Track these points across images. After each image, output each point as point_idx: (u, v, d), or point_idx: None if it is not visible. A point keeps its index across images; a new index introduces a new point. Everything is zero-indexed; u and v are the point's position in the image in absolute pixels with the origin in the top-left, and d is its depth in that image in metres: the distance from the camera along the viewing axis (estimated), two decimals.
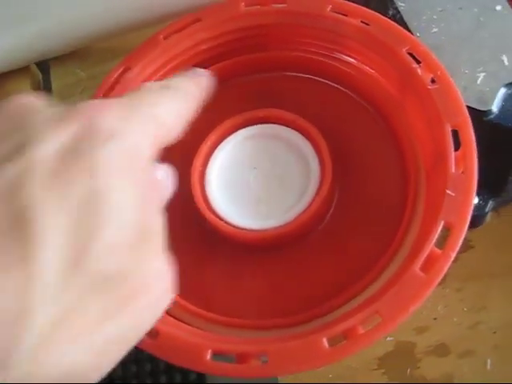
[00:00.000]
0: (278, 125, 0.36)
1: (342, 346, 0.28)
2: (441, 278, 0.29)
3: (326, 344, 0.28)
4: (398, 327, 0.28)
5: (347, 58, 0.37)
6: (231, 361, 0.29)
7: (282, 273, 0.34)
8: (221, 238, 0.34)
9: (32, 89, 0.46)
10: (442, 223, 0.29)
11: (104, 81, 0.37)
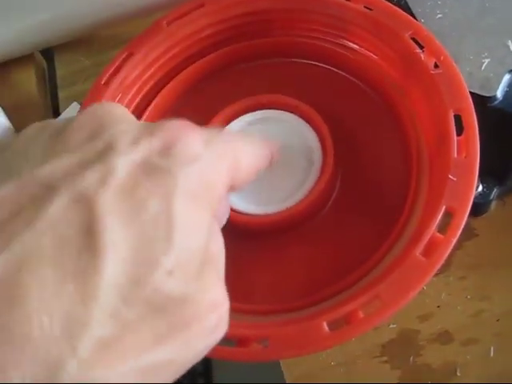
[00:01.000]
0: (281, 110, 0.36)
1: (342, 330, 0.28)
2: (441, 263, 0.29)
3: (327, 328, 0.28)
4: (402, 314, 0.28)
5: (350, 43, 0.36)
6: (232, 345, 0.29)
7: (283, 258, 0.34)
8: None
9: (36, 76, 0.46)
10: (443, 208, 0.29)
11: (107, 66, 0.37)
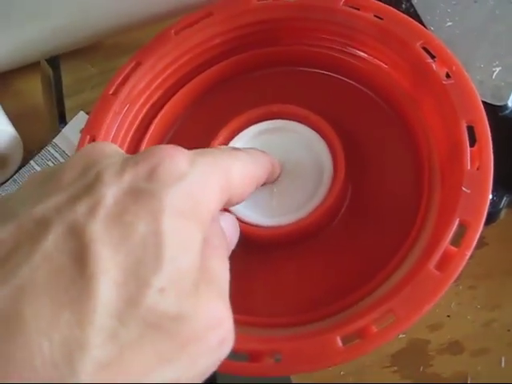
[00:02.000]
0: (291, 120, 0.36)
1: (356, 345, 0.28)
2: (456, 276, 0.28)
3: (340, 343, 0.28)
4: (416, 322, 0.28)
5: (360, 52, 0.36)
6: (244, 359, 0.29)
7: (294, 270, 0.34)
8: None
9: (42, 84, 0.46)
10: (457, 221, 0.29)
11: (115, 75, 0.37)
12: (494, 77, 0.35)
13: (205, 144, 0.35)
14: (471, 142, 0.31)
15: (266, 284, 0.34)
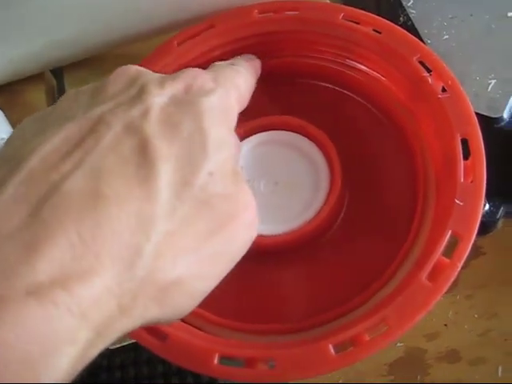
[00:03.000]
0: (289, 131, 0.36)
1: (348, 352, 0.28)
2: (447, 287, 0.29)
3: (333, 351, 0.28)
4: (408, 333, 0.28)
5: (359, 65, 0.37)
6: (240, 365, 0.30)
7: (289, 279, 0.34)
8: None
9: (46, 95, 0.47)
10: (449, 233, 0.30)
11: None
12: (489, 89, 0.36)
13: None
14: (465, 155, 0.31)
15: (261, 292, 0.34)
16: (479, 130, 0.31)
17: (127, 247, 0.21)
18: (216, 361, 0.29)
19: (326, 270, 0.34)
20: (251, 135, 0.36)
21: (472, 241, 0.29)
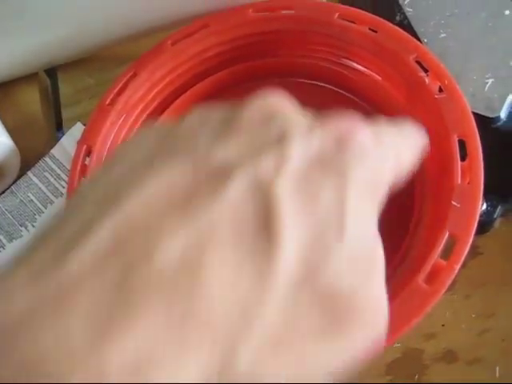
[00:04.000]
0: None
1: None
2: (444, 290, 0.28)
3: None
4: (406, 333, 0.28)
5: (355, 64, 0.36)
6: None
7: None
8: None
9: (40, 95, 0.46)
10: (446, 235, 0.29)
11: (112, 86, 0.37)
12: (486, 89, 0.35)
13: None
14: (463, 156, 0.31)
15: None
16: (476, 130, 0.31)
17: (222, 343, 0.17)
18: None
19: None
20: None
21: (469, 242, 0.29)
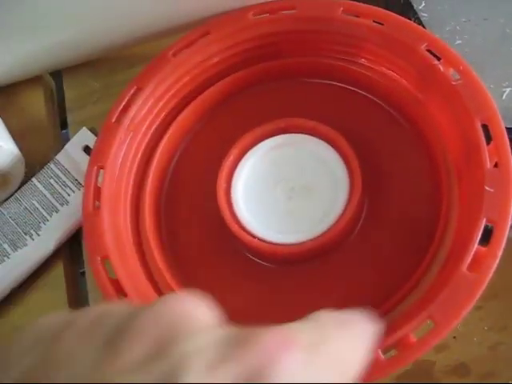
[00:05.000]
0: (300, 134, 0.35)
1: (397, 356, 0.27)
2: (490, 276, 0.28)
3: (382, 356, 0.26)
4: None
5: (363, 59, 0.36)
6: None
7: (316, 286, 0.32)
8: (251, 253, 0.33)
9: (45, 98, 0.46)
10: (484, 220, 0.28)
11: (116, 102, 0.36)
12: (504, 97, 0.34)
13: (214, 164, 0.35)
14: (486, 140, 0.30)
15: (290, 300, 0.32)
16: (498, 113, 0.30)
17: None
18: None
19: (351, 276, 0.32)
20: (262, 141, 0.35)
21: (508, 226, 0.28)
